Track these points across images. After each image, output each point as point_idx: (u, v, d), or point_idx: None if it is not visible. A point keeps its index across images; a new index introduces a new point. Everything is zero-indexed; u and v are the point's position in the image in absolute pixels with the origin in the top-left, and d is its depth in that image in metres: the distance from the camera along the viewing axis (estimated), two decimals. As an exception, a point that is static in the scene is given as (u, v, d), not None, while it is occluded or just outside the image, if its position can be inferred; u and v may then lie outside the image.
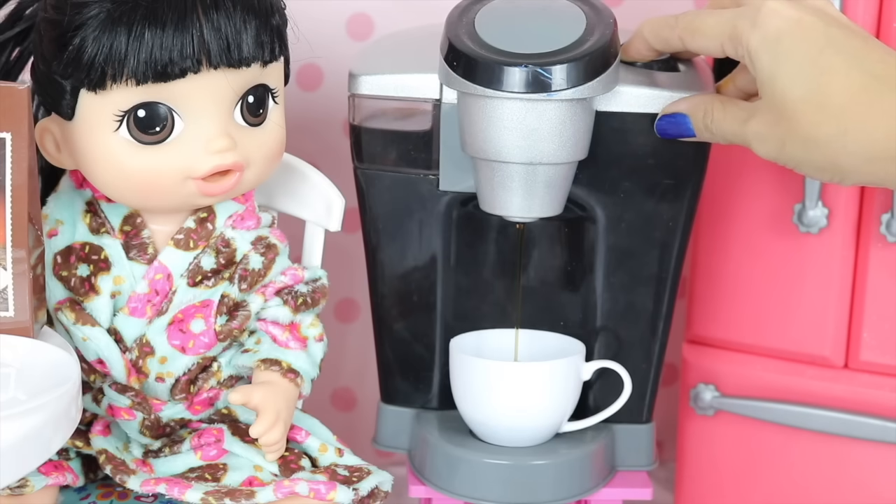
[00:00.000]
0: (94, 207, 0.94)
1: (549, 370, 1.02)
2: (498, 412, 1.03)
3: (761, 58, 0.85)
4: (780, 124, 0.86)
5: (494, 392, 1.03)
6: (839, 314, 1.08)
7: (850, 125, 0.83)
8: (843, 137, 0.83)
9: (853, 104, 0.83)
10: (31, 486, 0.89)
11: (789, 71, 0.84)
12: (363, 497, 0.92)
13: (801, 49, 0.84)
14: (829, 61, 0.83)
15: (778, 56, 0.84)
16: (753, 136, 0.88)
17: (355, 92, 1.02)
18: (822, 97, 0.83)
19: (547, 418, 1.04)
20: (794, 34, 0.84)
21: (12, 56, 0.97)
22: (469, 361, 1.04)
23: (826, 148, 0.84)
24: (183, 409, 0.96)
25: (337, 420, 1.07)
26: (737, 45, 0.88)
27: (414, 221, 1.05)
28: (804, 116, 0.84)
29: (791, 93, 0.84)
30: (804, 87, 0.83)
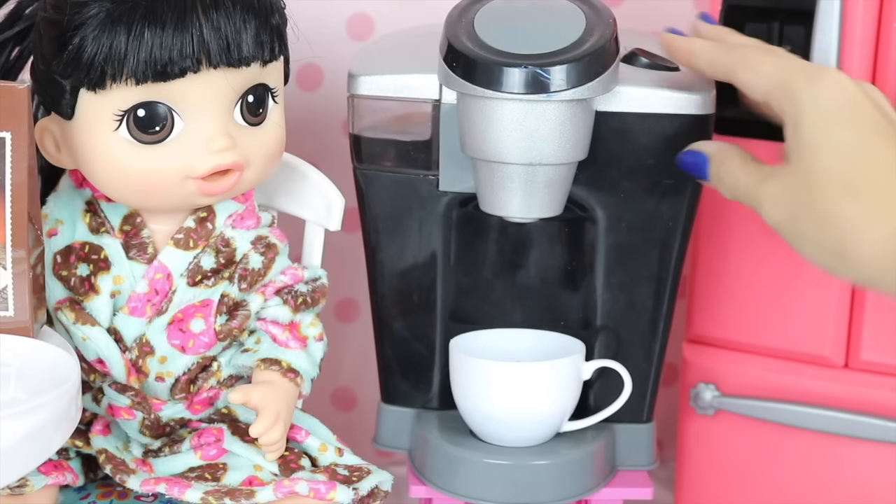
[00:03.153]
0: (94, 207, 0.94)
1: (549, 370, 1.02)
2: (498, 412, 1.03)
3: (809, 120, 0.82)
4: (802, 193, 0.83)
5: (494, 392, 1.02)
6: (839, 314, 1.08)
7: (874, 214, 0.80)
8: (861, 223, 0.80)
9: (884, 196, 0.80)
10: (31, 485, 0.89)
11: (833, 142, 0.81)
12: (363, 497, 0.92)
13: (852, 127, 0.81)
14: (874, 148, 0.81)
15: (827, 124, 0.82)
16: (768, 197, 0.86)
17: (355, 92, 1.02)
18: (857, 179, 0.80)
19: (547, 418, 1.04)
20: (850, 110, 0.82)
21: (12, 56, 0.97)
22: (469, 362, 1.04)
23: (839, 229, 0.81)
24: (183, 408, 0.96)
25: (337, 420, 1.07)
26: (785, 97, 0.85)
27: (414, 221, 1.05)
28: (831, 192, 0.81)
29: (828, 164, 0.81)
30: (843, 163, 0.81)
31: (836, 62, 1.02)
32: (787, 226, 0.84)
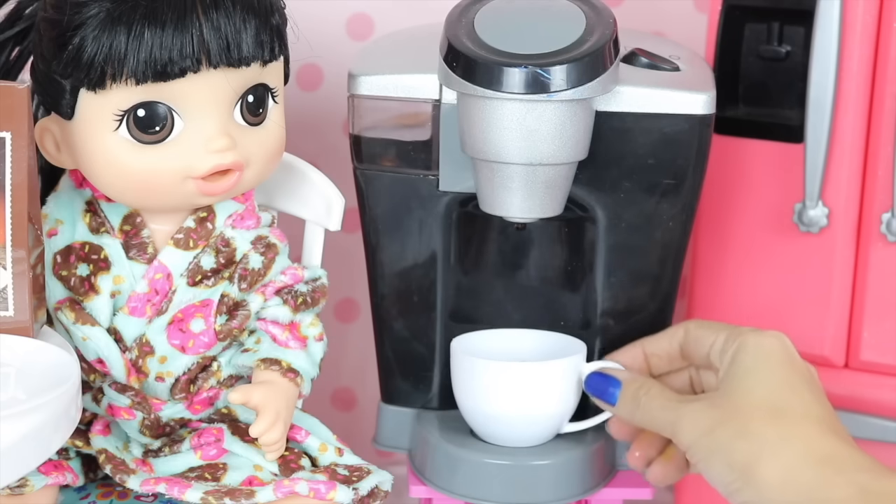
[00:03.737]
0: (94, 207, 0.94)
1: (550, 370, 1.01)
2: (499, 413, 1.03)
3: (751, 356, 0.88)
4: (725, 411, 0.86)
5: (496, 392, 1.02)
6: (839, 314, 1.08)
7: (790, 437, 0.83)
8: (776, 443, 0.83)
9: (802, 427, 0.84)
10: (30, 485, 0.89)
11: (766, 376, 0.87)
12: (363, 497, 0.92)
13: (784, 369, 0.87)
14: (802, 387, 0.87)
15: (760, 361, 0.88)
16: (688, 413, 0.88)
17: (355, 92, 1.02)
18: (782, 407, 0.85)
19: (548, 419, 1.03)
20: (786, 356, 0.88)
21: (12, 56, 0.97)
22: (470, 362, 1.03)
23: (755, 444, 0.84)
24: (183, 408, 0.96)
25: (337, 420, 1.07)
26: (732, 337, 0.91)
27: (414, 221, 1.05)
28: (756, 412, 0.85)
29: (758, 392, 0.86)
30: (772, 393, 0.86)
31: (836, 62, 1.02)
32: (702, 440, 0.86)
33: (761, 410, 0.85)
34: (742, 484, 0.83)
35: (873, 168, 1.04)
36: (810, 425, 0.84)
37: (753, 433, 0.84)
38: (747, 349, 0.89)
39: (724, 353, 0.90)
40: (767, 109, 1.08)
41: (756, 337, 0.89)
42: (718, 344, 0.91)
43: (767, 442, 0.83)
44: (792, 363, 0.88)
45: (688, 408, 0.88)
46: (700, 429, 0.86)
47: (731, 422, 0.85)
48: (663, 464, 0.97)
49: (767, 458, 0.82)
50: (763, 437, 0.83)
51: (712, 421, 0.86)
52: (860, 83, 1.03)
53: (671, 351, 0.97)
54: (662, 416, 0.90)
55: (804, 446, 0.83)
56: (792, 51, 1.06)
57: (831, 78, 1.02)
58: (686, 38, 1.19)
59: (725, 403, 0.86)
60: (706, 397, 0.89)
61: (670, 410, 0.89)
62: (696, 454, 0.86)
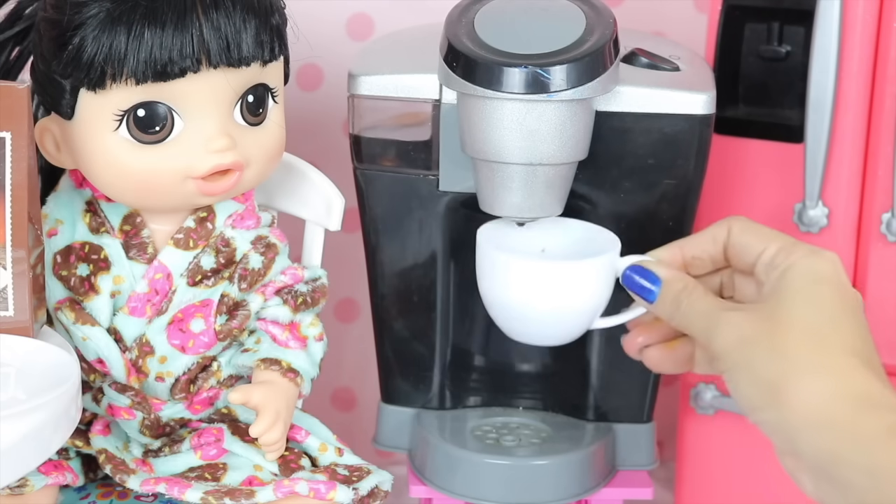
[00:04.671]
0: (94, 207, 0.94)
1: (585, 269, 0.93)
2: (528, 311, 0.94)
3: (799, 276, 0.83)
4: (763, 324, 0.82)
5: (526, 290, 0.94)
6: (839, 314, 1.08)
7: (827, 366, 0.79)
8: (811, 367, 0.79)
9: (841, 358, 0.80)
10: (30, 485, 0.89)
11: (813, 300, 0.82)
12: (363, 496, 0.92)
13: (832, 297, 0.82)
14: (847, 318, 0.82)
15: (810, 285, 0.82)
16: (727, 320, 0.83)
17: (355, 92, 1.02)
18: (824, 333, 0.80)
19: (580, 316, 0.95)
20: (835, 285, 0.83)
21: (12, 56, 0.97)
22: (498, 256, 0.94)
23: (788, 363, 0.79)
24: (183, 408, 0.96)
25: (337, 420, 1.07)
26: (781, 253, 0.85)
27: (414, 221, 1.05)
28: (794, 331, 0.80)
29: (801, 311, 0.81)
30: (816, 316, 0.81)
31: (836, 62, 1.02)
32: (734, 351, 0.82)
33: (802, 334, 0.80)
34: (765, 402, 0.80)
35: (873, 168, 1.04)
36: (848, 358, 0.79)
37: (788, 354, 0.79)
38: (799, 270, 0.83)
39: (772, 267, 0.84)
40: (767, 109, 1.08)
41: (810, 260, 0.83)
42: (767, 256, 0.85)
43: (800, 366, 0.79)
44: (842, 291, 0.83)
45: (728, 316, 0.83)
46: (735, 338, 0.82)
47: (768, 338, 0.81)
48: (662, 350, 0.92)
49: (797, 382, 0.79)
50: (797, 360, 0.79)
51: (750, 333, 0.81)
52: (860, 83, 1.03)
53: (714, 253, 0.90)
54: (701, 322, 0.85)
55: (837, 378, 0.79)
56: (792, 51, 1.06)
57: (831, 78, 1.02)
58: (686, 38, 1.19)
59: (766, 319, 0.81)
60: (748, 308, 0.84)
61: (710, 316, 0.84)
62: (724, 363, 0.83)
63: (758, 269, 0.86)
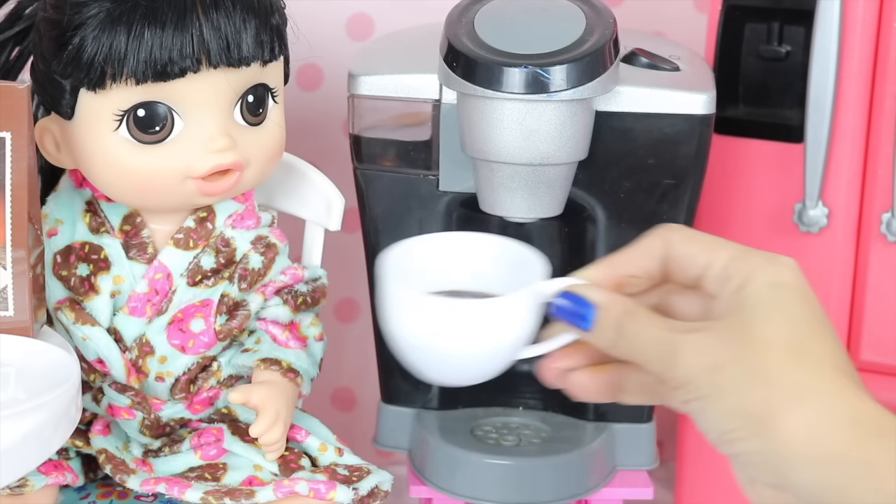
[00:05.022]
0: (94, 207, 0.94)
1: (505, 306, 0.77)
2: (445, 356, 0.79)
3: (762, 287, 0.73)
4: (735, 347, 0.71)
5: (437, 332, 0.77)
6: (839, 314, 1.08)
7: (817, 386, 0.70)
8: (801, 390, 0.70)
9: (829, 375, 0.71)
10: (30, 485, 0.89)
11: (784, 313, 0.72)
12: (363, 496, 0.92)
13: (803, 304, 0.73)
14: (821, 327, 0.73)
15: (777, 294, 0.73)
16: (690, 343, 0.72)
17: (355, 92, 1.02)
18: (806, 346, 0.71)
19: (501, 356, 0.80)
20: (802, 292, 0.74)
21: (12, 56, 0.97)
22: (400, 293, 0.77)
23: (774, 388, 0.70)
24: (183, 408, 0.96)
25: (337, 420, 1.07)
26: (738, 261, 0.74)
27: (414, 221, 1.05)
28: (774, 350, 0.71)
29: (774, 326, 0.72)
30: (792, 329, 0.72)
31: (836, 62, 1.02)
32: (704, 377, 0.71)
33: (781, 353, 0.71)
34: (748, 433, 0.70)
35: (873, 168, 1.04)
36: (836, 375, 0.71)
37: (771, 378, 0.70)
38: (760, 279, 0.73)
39: (725, 279, 0.74)
40: (767, 109, 1.08)
41: (770, 268, 0.74)
42: (718, 266, 0.75)
43: (787, 389, 0.70)
44: (810, 300, 0.74)
45: (688, 339, 0.72)
46: (703, 364, 0.72)
47: (743, 361, 0.71)
48: (590, 375, 0.79)
49: (786, 409, 0.69)
50: (781, 384, 0.70)
51: (720, 357, 0.71)
52: (860, 83, 1.03)
53: (650, 269, 0.78)
54: (653, 349, 0.74)
55: (830, 400, 0.70)
56: (792, 51, 1.06)
57: (831, 78, 1.02)
58: (686, 38, 1.19)
59: (736, 339, 0.72)
60: (709, 328, 0.73)
61: (665, 342, 0.73)
62: (691, 392, 0.72)
63: (707, 282, 0.75)
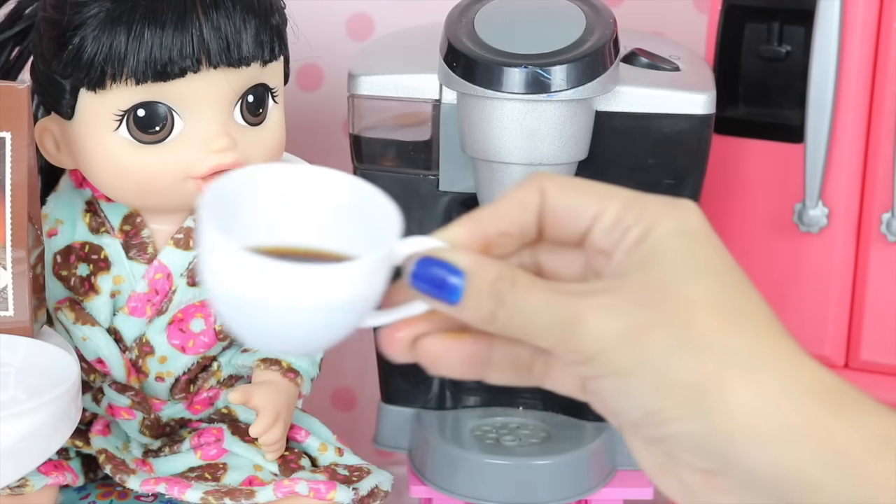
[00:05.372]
0: (94, 207, 0.94)
1: (347, 273, 0.62)
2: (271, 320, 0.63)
3: (669, 237, 0.61)
4: (651, 307, 0.59)
5: (265, 296, 0.61)
6: (839, 314, 1.08)
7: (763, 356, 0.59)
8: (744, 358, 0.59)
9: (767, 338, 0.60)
10: (30, 485, 0.89)
11: (703, 266, 0.61)
12: (363, 496, 0.92)
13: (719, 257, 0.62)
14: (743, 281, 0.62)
15: (692, 243, 0.61)
16: (596, 307, 0.59)
17: (355, 92, 1.02)
18: (737, 309, 0.60)
19: (345, 323, 0.66)
20: (712, 241, 0.62)
21: (12, 56, 0.97)
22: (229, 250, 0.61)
23: (710, 360, 0.58)
24: (183, 408, 0.96)
25: (337, 420, 1.07)
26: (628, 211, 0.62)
27: (414, 221, 1.04)
28: (698, 314, 0.59)
29: (697, 283, 0.60)
30: (715, 288, 0.60)
31: (836, 62, 1.02)
32: (621, 346, 0.59)
33: (711, 312, 0.59)
34: (685, 411, 0.58)
35: (873, 168, 1.04)
36: (779, 338, 0.61)
37: (708, 343, 0.58)
38: (665, 228, 0.61)
39: (623, 230, 0.61)
40: (767, 109, 1.08)
41: (673, 214, 0.62)
42: (609, 217, 0.62)
43: (731, 357, 0.58)
44: (720, 248, 0.62)
45: (592, 302, 0.59)
46: (616, 331, 0.59)
47: (669, 325, 0.59)
48: (445, 342, 0.64)
49: (735, 379, 0.58)
50: (723, 350, 0.58)
51: (637, 322, 0.59)
52: (860, 83, 1.03)
53: (524, 225, 0.64)
54: (545, 318, 0.60)
55: (779, 365, 0.59)
56: (792, 51, 1.06)
57: (831, 78, 1.02)
58: (686, 38, 1.19)
59: (652, 299, 0.59)
60: (614, 288, 0.60)
61: (559, 308, 0.60)
62: (604, 366, 0.59)
63: (595, 235, 0.62)
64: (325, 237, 0.66)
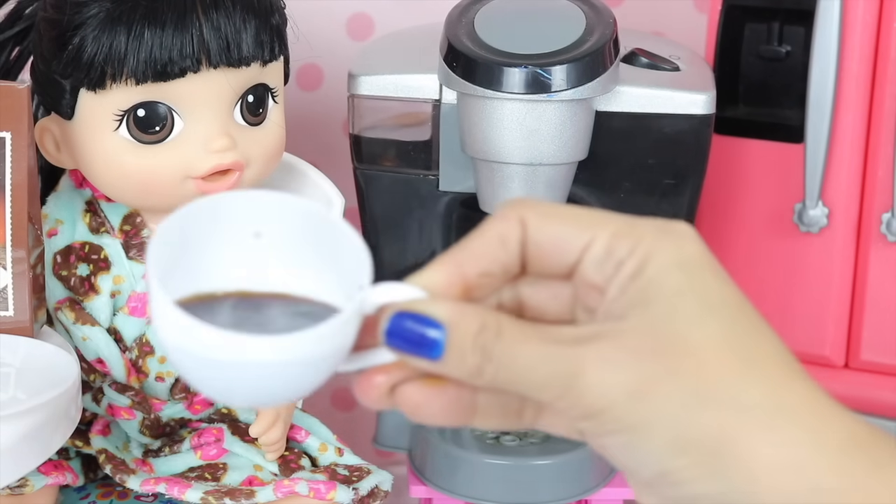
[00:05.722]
0: (94, 207, 0.94)
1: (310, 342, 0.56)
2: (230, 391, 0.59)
3: (667, 271, 0.56)
4: (658, 354, 0.54)
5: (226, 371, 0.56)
6: (839, 314, 1.08)
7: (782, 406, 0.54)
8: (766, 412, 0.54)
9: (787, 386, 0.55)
10: (30, 485, 0.89)
11: (706, 304, 0.56)
12: (363, 496, 0.92)
13: (721, 290, 0.57)
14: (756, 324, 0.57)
15: (692, 278, 0.56)
16: (595, 358, 0.54)
17: (355, 92, 1.02)
18: (752, 352, 0.55)
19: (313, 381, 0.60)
20: (713, 271, 0.57)
21: (12, 56, 0.97)
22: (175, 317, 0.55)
23: (728, 416, 0.53)
24: (182, 408, 0.96)
25: (337, 420, 1.07)
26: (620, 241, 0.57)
27: (414, 221, 1.05)
28: (711, 361, 0.54)
29: (702, 327, 0.55)
30: (722, 329, 0.55)
31: (836, 62, 1.02)
32: (628, 403, 0.54)
33: (720, 359, 0.54)
34: (704, 470, 0.54)
35: (873, 168, 1.04)
36: (794, 382, 0.55)
37: (720, 395, 0.54)
38: (662, 261, 0.56)
39: (612, 263, 0.56)
40: (767, 109, 1.08)
41: (669, 240, 0.56)
42: (599, 248, 0.57)
43: (746, 410, 0.54)
44: (721, 276, 0.57)
45: (590, 352, 0.55)
46: (621, 386, 0.54)
47: (677, 376, 0.54)
48: (424, 389, 0.59)
49: (754, 436, 0.53)
50: (738, 403, 0.54)
51: (641, 375, 0.54)
52: (860, 83, 1.03)
53: (507, 262, 0.59)
54: (540, 371, 0.55)
55: (801, 415, 0.54)
56: (792, 51, 1.06)
57: (831, 78, 1.02)
58: (686, 38, 1.19)
59: (656, 346, 0.54)
60: (612, 333, 0.55)
61: (555, 360, 0.55)
62: (611, 424, 0.55)
63: (585, 268, 0.57)
64: (291, 274, 0.60)
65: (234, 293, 0.59)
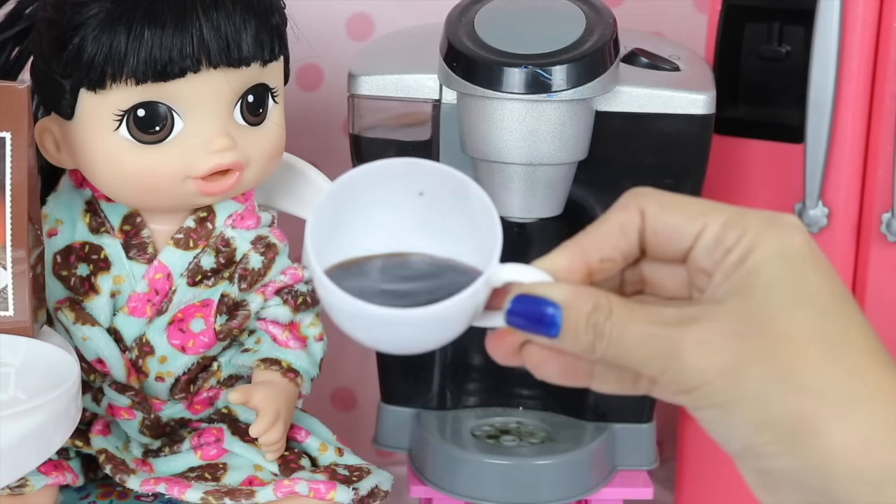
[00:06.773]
0: (94, 207, 0.94)
1: (443, 313, 0.64)
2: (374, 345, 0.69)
3: (771, 261, 0.60)
4: (752, 338, 0.59)
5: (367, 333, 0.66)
6: (839, 314, 1.07)
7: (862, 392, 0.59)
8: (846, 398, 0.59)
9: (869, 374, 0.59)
10: (30, 485, 0.89)
11: (802, 294, 0.60)
12: (363, 496, 0.92)
13: (819, 282, 0.61)
14: (848, 307, 0.62)
15: (793, 269, 0.60)
16: (693, 340, 0.60)
17: (355, 92, 1.02)
18: (838, 342, 0.60)
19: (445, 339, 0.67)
20: (815, 263, 0.61)
21: (12, 56, 0.97)
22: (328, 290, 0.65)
23: (809, 400, 0.58)
24: (183, 408, 0.96)
25: (337, 420, 1.07)
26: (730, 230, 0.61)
27: (414, 221, 1.05)
28: (800, 348, 0.59)
29: (796, 315, 0.60)
30: (815, 319, 0.60)
31: (836, 62, 1.02)
32: (720, 381, 0.59)
33: (810, 347, 0.59)
34: (783, 448, 0.59)
35: (873, 168, 1.04)
36: (879, 370, 0.60)
37: (806, 381, 0.59)
38: (767, 251, 0.60)
39: (722, 251, 0.61)
40: (767, 109, 1.08)
41: (776, 231, 0.61)
42: (709, 236, 0.62)
43: (829, 396, 0.58)
44: (824, 267, 0.61)
45: (690, 334, 0.60)
46: (715, 366, 0.59)
47: (768, 361, 0.59)
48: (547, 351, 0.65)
49: (832, 420, 0.58)
50: (821, 389, 0.58)
51: (736, 357, 0.59)
52: (860, 83, 1.03)
53: (626, 248, 0.64)
54: (644, 350, 0.61)
55: (877, 400, 0.59)
56: (792, 51, 1.06)
57: (831, 78, 1.02)
58: (686, 38, 1.19)
59: (751, 331, 0.59)
60: (711, 316, 0.60)
61: (658, 340, 0.60)
62: (704, 399, 0.60)
63: (697, 254, 0.62)
64: (439, 233, 0.68)
65: (384, 255, 0.68)
